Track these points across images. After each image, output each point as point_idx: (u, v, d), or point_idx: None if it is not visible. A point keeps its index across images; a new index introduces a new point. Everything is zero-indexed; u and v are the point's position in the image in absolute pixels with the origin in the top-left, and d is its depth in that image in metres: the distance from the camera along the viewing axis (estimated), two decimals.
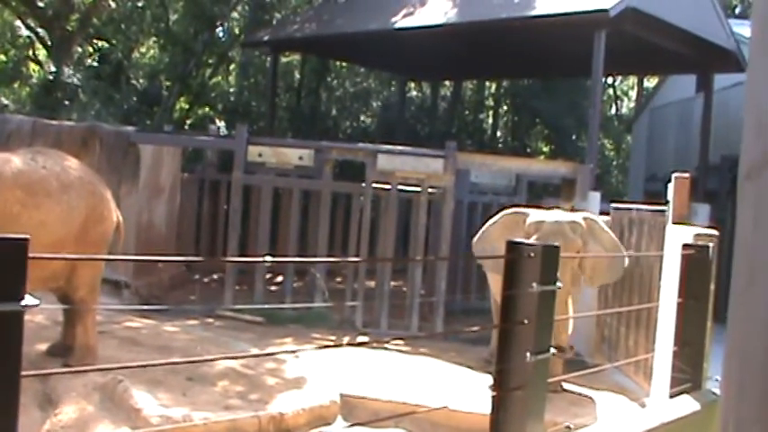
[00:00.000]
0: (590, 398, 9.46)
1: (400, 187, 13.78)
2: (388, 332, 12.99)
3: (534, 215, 9.88)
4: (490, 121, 30.21)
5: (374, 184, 13.81)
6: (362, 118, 28.08)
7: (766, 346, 1.43)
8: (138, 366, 7.74)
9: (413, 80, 27.64)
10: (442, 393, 9.04)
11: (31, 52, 25.66)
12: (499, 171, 15.25)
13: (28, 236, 2.51)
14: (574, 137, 26.33)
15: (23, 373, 2.47)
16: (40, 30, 23.82)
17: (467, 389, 9.27)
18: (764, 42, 1.52)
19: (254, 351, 10.34)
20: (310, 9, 24.06)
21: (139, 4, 24.69)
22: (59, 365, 8.50)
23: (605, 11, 14.19)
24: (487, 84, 29.73)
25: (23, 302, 2.43)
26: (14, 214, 8.16)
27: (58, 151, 9.54)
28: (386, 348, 11.45)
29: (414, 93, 29.50)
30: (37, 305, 2.49)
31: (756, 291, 1.46)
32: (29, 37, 25.37)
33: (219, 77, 26.74)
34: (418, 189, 13.79)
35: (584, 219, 9.91)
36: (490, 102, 30.61)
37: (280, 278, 15.58)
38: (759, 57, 1.54)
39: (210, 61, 25.02)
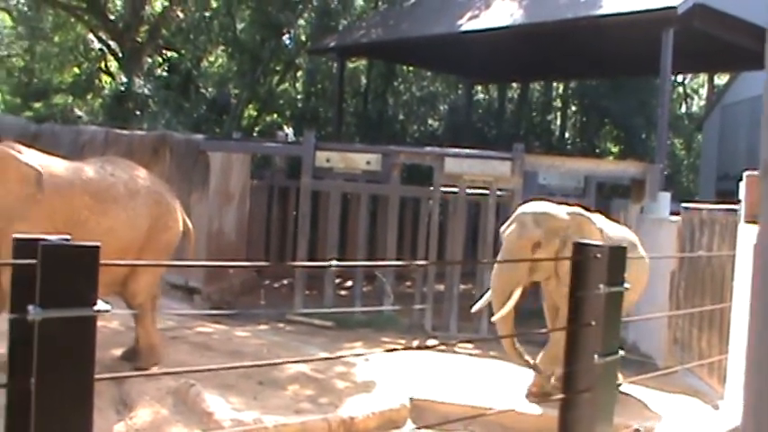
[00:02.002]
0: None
1: (468, 190, 13.76)
2: (458, 335, 12.98)
3: (521, 207, 9.40)
4: (558, 122, 30.01)
5: (442, 188, 13.82)
6: (430, 122, 28.08)
7: None
8: (210, 370, 7.83)
9: (479, 83, 27.57)
10: (512, 396, 9.01)
11: (103, 64, 26.20)
12: (567, 172, 15.12)
13: (99, 243, 2.58)
14: (643, 136, 26.00)
15: (97, 376, 2.53)
16: (111, 42, 24.32)
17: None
18: None
19: (324, 355, 10.40)
20: (376, 14, 24.15)
21: (207, 14, 25.00)
22: (132, 370, 8.66)
23: (673, 8, 14.02)
24: (555, 84, 29.54)
25: (95, 308, 2.49)
26: (82, 220, 8.38)
27: (127, 160, 9.67)
28: (455, 351, 11.44)
29: (480, 95, 29.42)
30: (108, 310, 2.55)
31: None
32: (101, 49, 25.94)
33: (287, 84, 26.94)
34: (486, 192, 13.75)
35: (571, 214, 9.09)
36: (558, 103, 30.42)
37: (349, 283, 15.66)
38: None
39: (278, 68, 25.23)
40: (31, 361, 2.41)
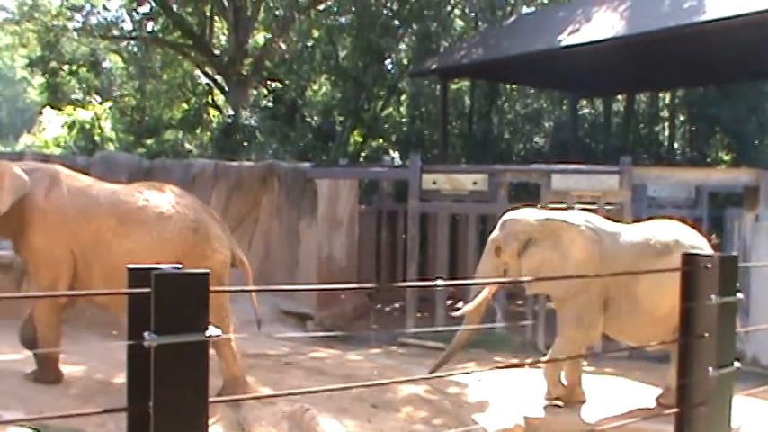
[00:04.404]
0: None
1: (577, 206, 13.62)
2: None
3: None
4: (666, 132, 29.45)
5: (550, 205, 13.72)
6: (535, 139, 27.89)
7: None
8: (325, 391, 7.92)
9: (584, 97, 27.30)
10: (629, 412, 8.86)
11: (210, 99, 26.82)
12: (677, 183, 14.84)
13: (208, 270, 2.65)
14: (756, 142, 25.31)
15: (211, 399, 2.60)
16: (217, 77, 24.92)
17: (652, 406, 9.04)
18: None
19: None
20: (476, 34, 24.18)
21: (309, 44, 25.40)
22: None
23: None
24: (661, 95, 29.03)
25: (207, 333, 2.57)
26: (106, 241, 8.68)
27: (174, 187, 9.74)
28: None
29: (585, 110, 29.11)
30: (219, 336, 2.62)
31: None
32: (207, 84, 26.57)
33: (391, 109, 27.10)
34: (595, 207, 13.60)
35: (543, 220, 9.18)
36: (665, 113, 29.86)
37: (460, 304, 15.62)
38: None
39: (381, 93, 25.41)
40: (148, 385, 2.49)
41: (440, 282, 11.55)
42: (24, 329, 9.14)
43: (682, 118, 29.50)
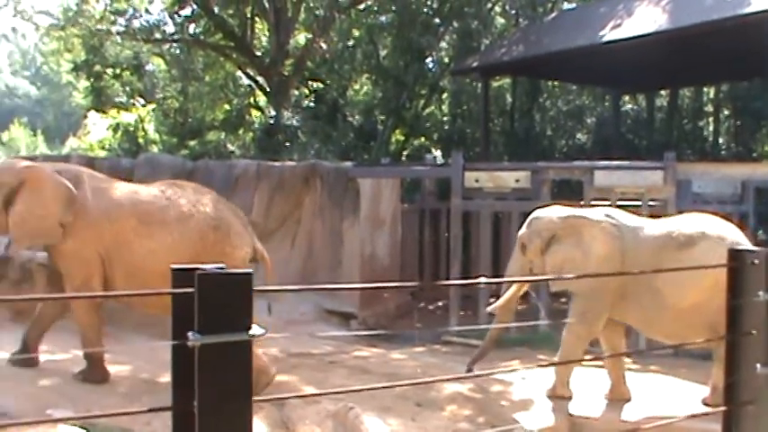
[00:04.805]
0: None
1: (620, 202, 13.51)
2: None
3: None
4: (711, 127, 29.13)
5: (593, 201, 13.62)
6: (578, 136, 27.71)
7: None
8: (368, 389, 7.93)
9: (627, 93, 27.08)
10: (674, 410, 8.77)
11: (252, 100, 26.97)
12: (722, 179, 14.66)
13: (251, 270, 2.67)
14: None
15: (255, 398, 2.62)
16: (258, 78, 25.01)
17: (698, 405, 8.95)
18: None
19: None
20: (517, 31, 24.08)
21: (350, 44, 25.46)
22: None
23: None
24: (705, 89, 28.71)
25: (251, 332, 2.58)
26: (128, 241, 8.80)
27: (196, 185, 9.85)
28: None
29: (628, 106, 28.88)
30: (263, 335, 2.63)
31: None
32: (249, 85, 26.74)
33: (432, 107, 27.08)
34: (638, 203, 13.48)
35: (565, 217, 9.26)
36: (709, 107, 29.54)
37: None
38: None
39: (422, 92, 25.40)
40: (192, 385, 2.51)
41: (483, 279, 11.51)
42: (31, 329, 9.26)
43: (726, 112, 29.17)
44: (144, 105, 25.83)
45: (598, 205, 13.42)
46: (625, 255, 8.83)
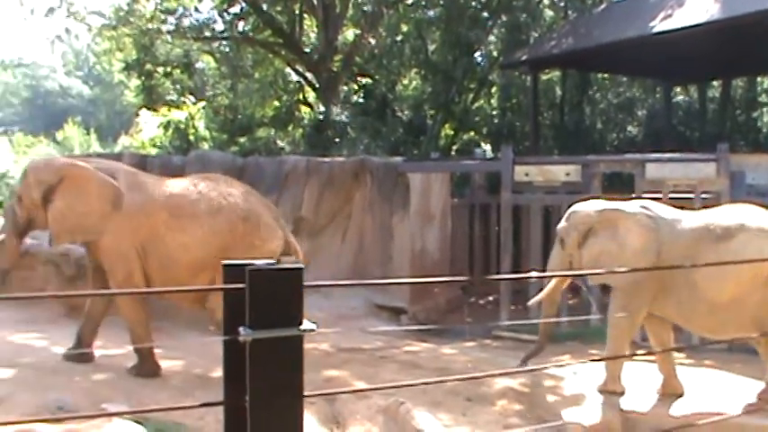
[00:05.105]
0: None
1: (672, 195, 13.37)
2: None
3: None
4: (765, 118, 28.71)
5: (644, 194, 13.49)
6: (629, 128, 27.46)
7: None
8: (419, 384, 7.93)
9: (678, 84, 26.79)
10: (728, 406, 8.67)
11: (301, 96, 27.10)
12: None
13: (302, 265, 2.68)
14: None
15: (306, 393, 2.63)
16: (307, 74, 25.15)
17: (752, 401, 8.83)
18: None
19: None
20: (566, 24, 23.92)
21: (398, 39, 25.46)
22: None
23: None
24: (759, 79, 28.30)
25: (302, 327, 2.59)
26: (161, 235, 8.92)
27: (227, 178, 9.92)
28: None
29: (680, 97, 28.57)
30: (314, 330, 2.64)
31: None
32: (298, 82, 26.87)
33: (481, 101, 27.00)
34: (691, 196, 13.33)
35: (602, 210, 9.23)
36: (764, 98, 29.11)
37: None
38: None
39: (471, 86, 25.34)
40: (244, 380, 2.53)
41: (534, 274, 11.45)
42: (84, 325, 9.38)
43: None
44: (194, 103, 26.02)
45: (650, 198, 13.35)
46: (661, 247, 8.75)
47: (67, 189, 8.94)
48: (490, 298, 16.65)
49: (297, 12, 24.93)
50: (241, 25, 25.96)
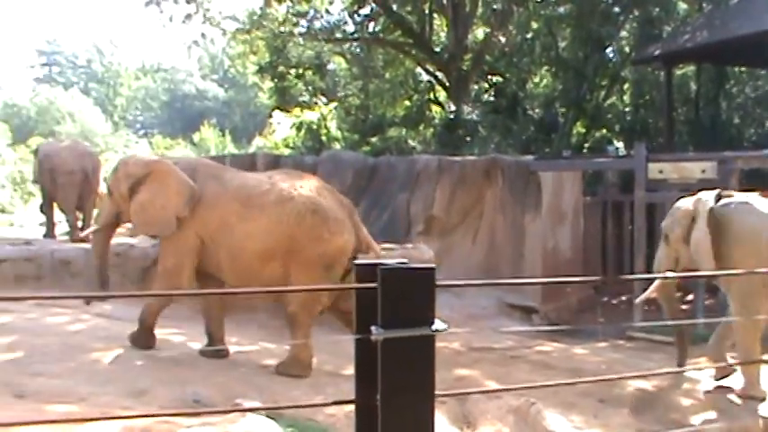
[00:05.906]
0: None
1: None
2: None
3: None
4: None
5: None
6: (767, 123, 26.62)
7: None
8: (550, 386, 7.86)
9: None
10: None
11: (431, 95, 27.15)
12: None
13: (434, 265, 2.70)
14: None
15: (437, 392, 2.65)
16: (438, 73, 25.19)
17: None
18: None
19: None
20: (700, 16, 23.29)
21: (528, 36, 25.25)
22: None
23: None
24: None
25: (433, 327, 2.61)
26: (231, 225, 8.99)
27: (307, 175, 9.95)
28: None
29: None
30: (446, 329, 2.66)
31: None
32: (429, 81, 26.93)
33: (614, 98, 26.55)
34: None
35: (696, 200, 9.15)
36: None
37: (690, 296, 15.11)
38: None
39: (603, 83, 24.96)
40: (375, 379, 2.56)
41: (669, 274, 11.20)
42: (208, 324, 9.59)
43: None
44: (326, 104, 26.43)
45: None
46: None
47: (152, 183, 9.27)
48: (623, 298, 16.36)
49: (426, 11, 25.02)
50: (371, 26, 26.20)
